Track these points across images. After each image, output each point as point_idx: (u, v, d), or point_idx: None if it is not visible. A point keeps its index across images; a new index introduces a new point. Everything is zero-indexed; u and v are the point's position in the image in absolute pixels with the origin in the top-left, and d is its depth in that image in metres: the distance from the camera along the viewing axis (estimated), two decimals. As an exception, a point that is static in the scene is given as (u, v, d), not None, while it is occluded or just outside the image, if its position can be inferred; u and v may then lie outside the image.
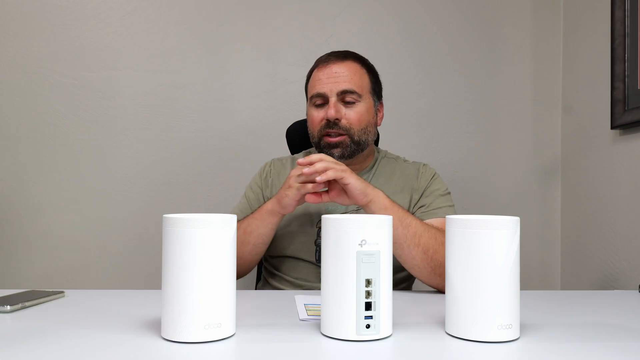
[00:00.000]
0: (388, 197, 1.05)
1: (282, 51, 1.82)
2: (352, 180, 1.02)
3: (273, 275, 1.26)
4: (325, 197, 1.07)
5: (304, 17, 1.83)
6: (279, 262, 1.24)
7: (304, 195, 1.07)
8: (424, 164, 1.29)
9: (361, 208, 1.22)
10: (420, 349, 0.65)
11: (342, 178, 1.01)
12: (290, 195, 1.07)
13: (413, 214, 1.16)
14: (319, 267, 1.19)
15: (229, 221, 0.67)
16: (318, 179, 1.01)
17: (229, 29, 1.81)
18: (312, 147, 1.40)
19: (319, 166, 1.00)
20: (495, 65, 1.88)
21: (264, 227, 1.13)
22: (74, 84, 1.77)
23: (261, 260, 1.32)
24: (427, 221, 1.12)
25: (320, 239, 1.18)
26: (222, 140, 1.81)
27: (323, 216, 0.69)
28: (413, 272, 1.05)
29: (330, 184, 1.06)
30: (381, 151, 1.35)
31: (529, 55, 1.89)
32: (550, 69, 1.89)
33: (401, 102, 1.85)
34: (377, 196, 1.03)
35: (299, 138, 1.48)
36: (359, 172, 1.25)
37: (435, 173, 1.27)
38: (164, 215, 0.67)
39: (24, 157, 1.76)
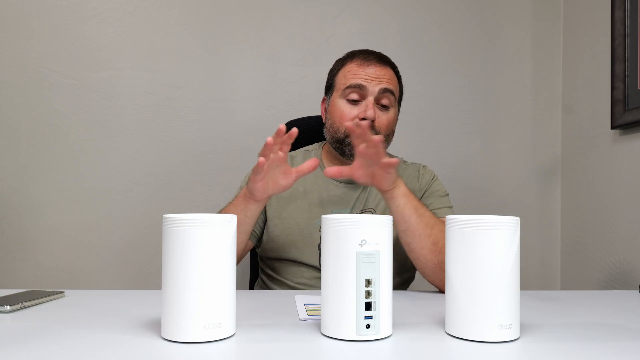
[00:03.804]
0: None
1: (282, 51, 1.82)
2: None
3: (272, 279, 1.23)
4: (345, 171, 1.00)
5: (304, 17, 1.83)
6: (279, 265, 1.22)
7: (270, 178, 0.99)
8: (423, 165, 1.30)
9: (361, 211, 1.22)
10: (420, 349, 0.65)
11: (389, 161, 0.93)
12: (252, 177, 0.99)
13: None
14: None
15: (229, 221, 0.67)
16: (374, 137, 0.92)
17: (229, 29, 1.81)
18: (304, 146, 1.39)
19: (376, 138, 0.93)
20: (495, 65, 1.88)
21: (237, 214, 1.07)
22: (74, 84, 1.76)
23: (257, 261, 1.31)
24: None
25: None
26: (222, 140, 1.81)
27: (323, 216, 0.69)
28: (419, 264, 1.04)
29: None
30: None
31: (529, 55, 1.89)
32: (550, 69, 1.89)
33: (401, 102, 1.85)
34: (400, 182, 1.03)
35: (297, 138, 1.47)
36: None
37: (435, 175, 1.28)
38: (164, 215, 0.67)
39: (24, 157, 1.75)
